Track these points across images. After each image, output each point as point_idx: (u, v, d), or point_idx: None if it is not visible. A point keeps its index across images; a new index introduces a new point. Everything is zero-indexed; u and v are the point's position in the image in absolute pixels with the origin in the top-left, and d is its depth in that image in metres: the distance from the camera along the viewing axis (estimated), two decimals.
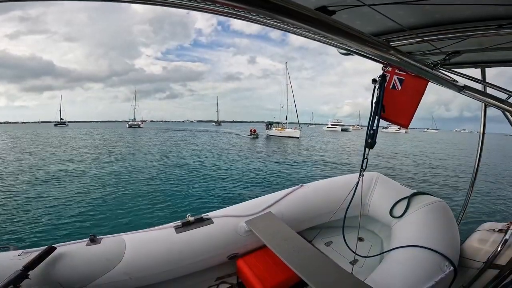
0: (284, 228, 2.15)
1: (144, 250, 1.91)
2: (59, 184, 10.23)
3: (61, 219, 6.69)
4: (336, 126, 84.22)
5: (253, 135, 39.10)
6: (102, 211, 7.24)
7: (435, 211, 2.14)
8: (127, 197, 8.62)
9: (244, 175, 12.57)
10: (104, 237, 1.96)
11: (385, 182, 2.69)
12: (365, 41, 0.82)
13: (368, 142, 1.70)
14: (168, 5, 0.56)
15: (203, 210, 2.90)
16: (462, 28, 1.12)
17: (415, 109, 1.67)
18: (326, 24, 0.70)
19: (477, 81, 1.73)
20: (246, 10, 0.54)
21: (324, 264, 1.73)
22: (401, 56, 0.97)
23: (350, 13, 1.09)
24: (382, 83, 1.61)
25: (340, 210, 2.31)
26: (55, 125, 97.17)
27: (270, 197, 2.60)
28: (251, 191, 9.68)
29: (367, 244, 2.59)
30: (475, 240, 2.00)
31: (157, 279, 1.94)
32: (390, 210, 2.34)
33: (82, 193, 8.94)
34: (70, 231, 6.04)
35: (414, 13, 1.10)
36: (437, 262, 1.71)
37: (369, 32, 1.33)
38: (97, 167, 13.94)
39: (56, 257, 1.67)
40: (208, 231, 2.13)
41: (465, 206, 2.62)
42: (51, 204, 7.77)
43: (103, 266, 1.74)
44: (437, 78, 1.26)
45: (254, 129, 41.29)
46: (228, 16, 0.58)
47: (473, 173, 2.48)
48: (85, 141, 31.71)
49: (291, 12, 0.61)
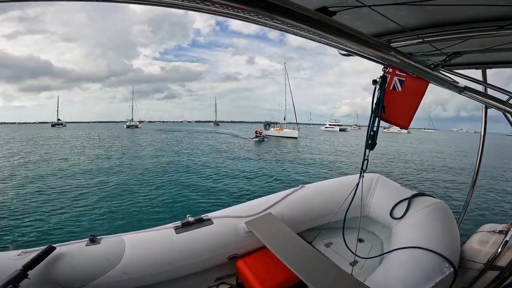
0: (284, 229, 2.14)
1: (144, 250, 1.90)
2: (57, 185, 10.23)
3: (61, 219, 6.69)
4: (334, 126, 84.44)
5: (259, 138, 34.01)
6: (101, 212, 7.24)
7: (436, 212, 2.13)
8: (127, 197, 8.62)
9: (243, 175, 12.57)
10: (104, 237, 1.95)
11: (385, 183, 2.68)
12: (366, 42, 0.81)
13: (369, 143, 1.70)
14: (167, 6, 0.55)
15: (203, 210, 2.90)
16: (463, 29, 1.12)
17: (415, 110, 1.66)
18: (327, 25, 0.69)
19: (478, 82, 1.73)
20: (246, 11, 0.54)
21: (324, 265, 1.73)
22: (401, 57, 0.96)
23: (351, 14, 1.08)
24: (383, 84, 1.60)
25: (340, 211, 2.31)
26: (52, 125, 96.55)
27: (270, 198, 2.59)
28: (251, 192, 9.68)
29: (367, 245, 2.58)
30: (475, 242, 2.00)
31: (157, 279, 1.94)
32: (390, 211, 2.34)
33: (82, 194, 8.94)
34: (70, 231, 6.04)
35: (415, 14, 1.09)
36: (437, 264, 1.70)
37: (370, 33, 1.33)
38: (95, 168, 13.96)
39: (55, 257, 1.67)
40: (208, 231, 2.13)
41: (465, 207, 2.61)
42: (50, 205, 7.78)
43: (103, 266, 1.74)
44: (438, 79, 1.26)
45: (260, 131, 36.71)
46: (228, 17, 0.57)
47: (474, 174, 2.47)
48: (81, 141, 31.78)
49: (291, 13, 0.60)
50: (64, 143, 29.93)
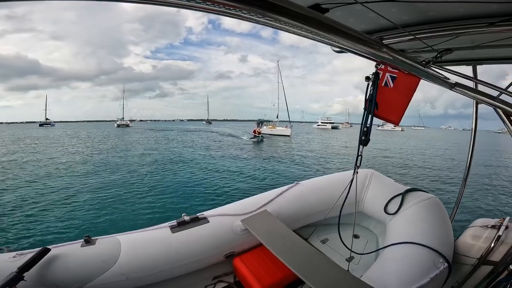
0: (280, 226, 2.15)
1: (140, 250, 1.89)
2: (48, 186, 10.07)
3: (53, 220, 6.60)
4: (326, 124, 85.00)
5: (258, 137, 31.11)
6: (95, 212, 7.16)
7: (429, 208, 2.16)
8: (120, 197, 8.54)
9: (237, 173, 12.58)
10: (99, 238, 1.94)
11: (379, 179, 2.71)
12: (358, 39, 0.81)
13: (362, 140, 1.71)
14: (159, 4, 0.55)
15: (199, 209, 2.89)
16: (454, 25, 1.13)
17: (406, 106, 1.68)
18: (319, 22, 0.69)
19: (468, 78, 1.75)
20: (238, 8, 0.53)
21: (320, 261, 1.74)
22: (393, 54, 0.97)
23: (344, 10, 1.09)
24: (375, 81, 1.62)
25: (336, 207, 2.32)
26: (39, 125, 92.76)
27: (265, 195, 2.60)
28: (246, 189, 9.69)
29: (362, 241, 2.61)
30: (469, 237, 2.01)
31: (154, 279, 1.93)
32: (384, 207, 2.36)
33: (74, 195, 8.83)
34: (62, 232, 5.97)
35: (407, 11, 1.10)
36: (432, 259, 1.72)
37: (363, 30, 1.34)
38: (85, 168, 13.81)
39: (51, 258, 1.65)
40: (204, 230, 2.12)
41: (458, 202, 2.65)
42: (42, 205, 7.65)
43: (99, 267, 1.73)
44: (429, 75, 1.27)
45: (259, 130, 32.88)
46: (220, 14, 0.57)
47: (466, 170, 2.51)
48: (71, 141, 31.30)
49: (283, 10, 0.60)
50: (51, 143, 29.50)
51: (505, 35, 1.15)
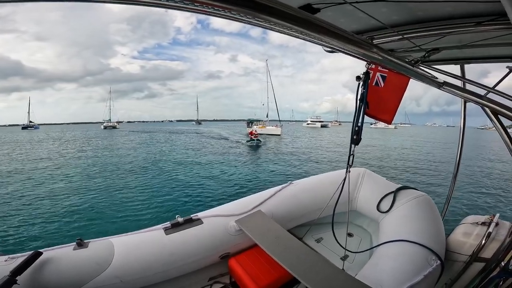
0: (274, 226, 2.15)
1: (134, 253, 1.87)
2: (36, 189, 9.85)
3: (44, 223, 6.46)
4: (316, 123, 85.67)
5: (257, 141, 25.78)
6: (86, 215, 7.04)
7: (420, 205, 2.19)
8: (112, 200, 8.41)
9: (230, 174, 12.54)
10: (92, 241, 1.91)
11: (371, 177, 2.74)
12: (349, 39, 0.82)
13: (354, 139, 1.73)
14: (146, 5, 0.54)
15: (192, 210, 2.87)
16: (442, 25, 1.15)
17: (398, 105, 1.71)
18: (310, 22, 0.69)
19: (456, 77, 1.78)
20: (227, 9, 0.53)
21: (315, 261, 1.75)
22: (383, 54, 0.98)
23: (335, 10, 1.09)
24: (366, 80, 1.63)
25: (329, 206, 2.33)
26: (22, 128, 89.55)
27: (259, 195, 2.59)
28: (239, 190, 9.67)
29: (356, 239, 2.64)
30: (460, 234, 2.04)
31: (149, 281, 1.91)
32: (377, 205, 2.39)
33: (65, 198, 8.65)
34: (54, 235, 5.85)
35: (396, 11, 1.12)
36: (425, 256, 1.74)
37: (353, 30, 1.35)
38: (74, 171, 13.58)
39: (43, 262, 1.63)
40: (198, 231, 2.11)
41: (448, 200, 2.70)
42: (31, 208, 7.48)
43: (92, 270, 1.71)
44: (418, 74, 1.29)
45: (256, 133, 27.06)
46: (210, 15, 0.56)
47: (455, 167, 2.56)
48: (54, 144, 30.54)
49: (274, 11, 0.60)
50: (33, 146, 28.59)
51: (492, 34, 1.17)
